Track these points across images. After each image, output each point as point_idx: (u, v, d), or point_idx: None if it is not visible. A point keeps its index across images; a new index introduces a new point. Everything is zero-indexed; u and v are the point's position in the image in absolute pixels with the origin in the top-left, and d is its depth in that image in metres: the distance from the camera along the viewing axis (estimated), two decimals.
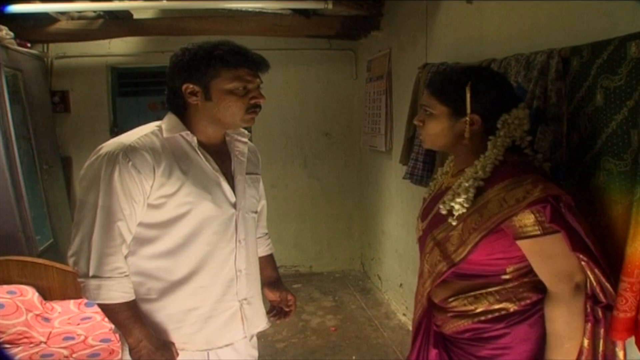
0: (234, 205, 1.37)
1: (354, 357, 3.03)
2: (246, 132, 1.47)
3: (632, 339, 1.19)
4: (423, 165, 2.40)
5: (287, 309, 1.64)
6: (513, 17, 1.94)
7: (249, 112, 1.31)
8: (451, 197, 1.22)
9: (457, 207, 1.19)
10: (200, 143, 1.34)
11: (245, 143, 1.46)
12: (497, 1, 2.05)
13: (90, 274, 1.22)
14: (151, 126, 1.34)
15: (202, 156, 1.33)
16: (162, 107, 3.64)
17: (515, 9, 1.91)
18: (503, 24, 2.02)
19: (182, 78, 1.29)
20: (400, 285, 3.55)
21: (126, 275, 1.26)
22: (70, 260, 1.26)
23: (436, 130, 1.26)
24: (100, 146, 1.29)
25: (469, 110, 1.19)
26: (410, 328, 3.06)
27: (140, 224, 1.28)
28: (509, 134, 1.21)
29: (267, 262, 1.68)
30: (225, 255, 1.36)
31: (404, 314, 3.46)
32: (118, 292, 1.24)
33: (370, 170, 4.18)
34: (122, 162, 1.22)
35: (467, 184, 1.19)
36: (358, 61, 4.38)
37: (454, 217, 1.20)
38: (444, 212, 1.22)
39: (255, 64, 1.31)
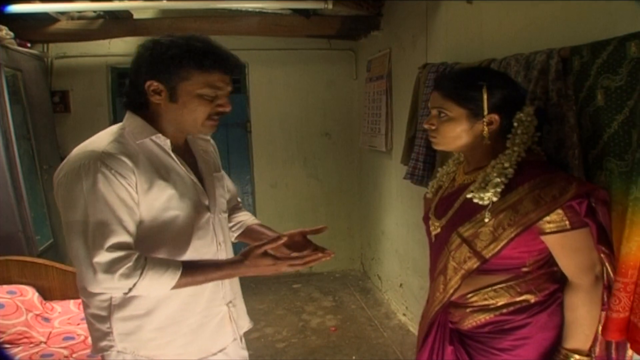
0: (208, 208, 1.32)
1: (354, 357, 3.03)
2: None
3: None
4: (423, 166, 2.41)
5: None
6: (513, 17, 1.94)
7: (210, 119, 1.23)
8: (479, 186, 1.23)
9: (487, 197, 1.20)
10: None
11: (207, 141, 1.39)
12: (497, 1, 2.05)
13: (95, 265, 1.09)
14: (113, 130, 1.23)
15: (176, 160, 1.25)
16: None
17: (515, 9, 1.91)
18: (503, 24, 2.02)
19: (148, 74, 1.18)
20: (400, 285, 3.55)
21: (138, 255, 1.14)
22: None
23: (455, 133, 1.26)
24: (65, 161, 1.17)
25: (486, 111, 1.22)
26: (411, 328, 3.04)
27: None
28: (525, 131, 1.24)
29: (266, 227, 1.54)
30: None
31: (404, 314, 3.46)
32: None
33: (370, 170, 4.17)
34: (103, 171, 1.11)
35: (497, 180, 1.20)
36: (358, 61, 4.37)
37: (488, 211, 1.20)
38: (476, 200, 1.23)
39: (230, 69, 1.22)
